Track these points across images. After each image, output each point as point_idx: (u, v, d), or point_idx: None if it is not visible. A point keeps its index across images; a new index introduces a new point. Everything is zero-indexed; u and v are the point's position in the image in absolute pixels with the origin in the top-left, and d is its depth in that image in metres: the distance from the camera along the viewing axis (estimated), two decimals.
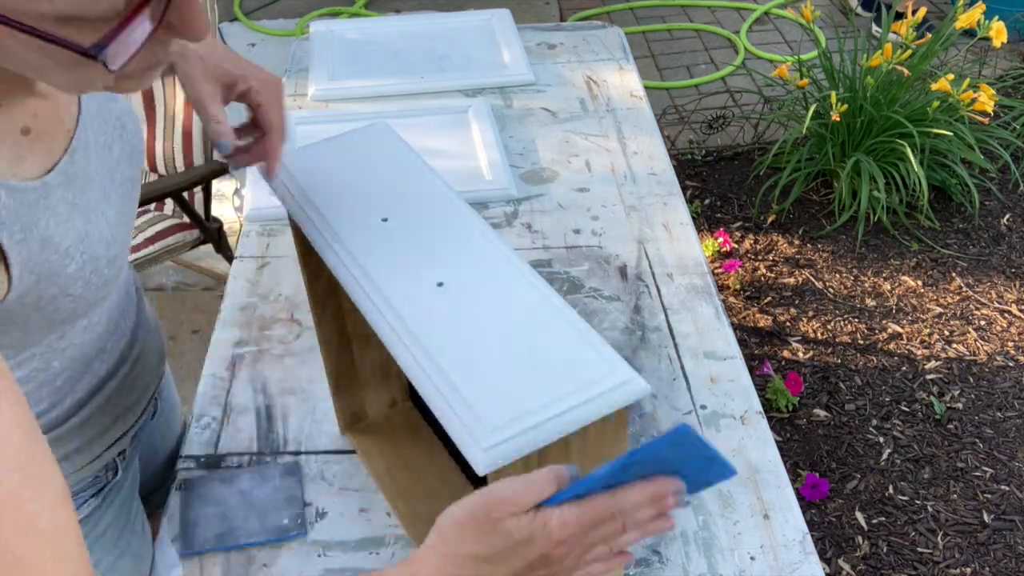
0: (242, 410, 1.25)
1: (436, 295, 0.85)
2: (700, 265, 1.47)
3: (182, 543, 1.08)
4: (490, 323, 0.82)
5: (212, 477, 1.15)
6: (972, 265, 2.81)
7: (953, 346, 2.56)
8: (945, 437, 2.32)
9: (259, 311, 1.39)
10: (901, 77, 2.76)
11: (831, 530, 2.13)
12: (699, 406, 1.24)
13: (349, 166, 0.99)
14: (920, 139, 2.73)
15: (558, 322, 0.82)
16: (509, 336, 0.81)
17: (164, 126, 2.28)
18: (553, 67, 1.97)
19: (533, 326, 0.82)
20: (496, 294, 0.85)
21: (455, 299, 0.84)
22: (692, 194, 3.12)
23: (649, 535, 0.71)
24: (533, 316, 0.83)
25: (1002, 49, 3.67)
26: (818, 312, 2.67)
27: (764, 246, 2.90)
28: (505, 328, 0.82)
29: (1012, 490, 2.19)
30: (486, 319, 0.83)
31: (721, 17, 4.08)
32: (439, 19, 2.12)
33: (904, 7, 3.58)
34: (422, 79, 1.89)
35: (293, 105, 1.85)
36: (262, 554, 1.07)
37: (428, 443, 1.19)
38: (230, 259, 2.34)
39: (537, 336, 0.81)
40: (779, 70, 2.78)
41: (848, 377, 2.48)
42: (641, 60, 3.75)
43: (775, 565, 1.06)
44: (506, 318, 0.83)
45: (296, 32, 3.96)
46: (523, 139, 1.76)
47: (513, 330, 0.81)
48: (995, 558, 2.06)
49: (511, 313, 0.83)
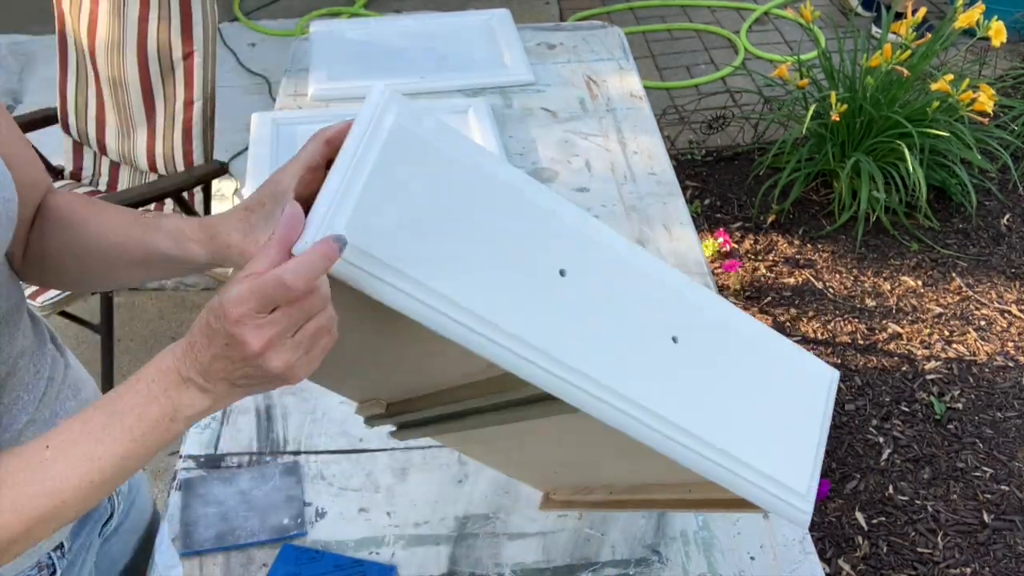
0: (242, 410, 1.25)
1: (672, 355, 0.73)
2: (700, 265, 1.47)
3: (182, 543, 1.08)
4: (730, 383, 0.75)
5: (212, 477, 1.15)
6: (972, 265, 2.81)
7: (953, 346, 2.56)
8: (945, 437, 2.32)
9: None
10: (901, 77, 2.76)
11: (831, 530, 2.13)
12: None
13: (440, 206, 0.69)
14: (920, 139, 2.73)
15: (814, 423, 0.77)
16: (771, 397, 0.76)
17: (164, 126, 2.28)
18: (553, 67, 1.97)
19: (796, 408, 0.77)
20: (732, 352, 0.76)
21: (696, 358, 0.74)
22: (692, 194, 3.12)
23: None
24: (803, 400, 0.77)
25: (1002, 49, 3.67)
26: (818, 312, 2.67)
27: (764, 246, 2.90)
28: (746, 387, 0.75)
29: (1012, 490, 2.19)
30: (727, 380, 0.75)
31: (721, 17, 4.09)
32: (439, 19, 2.12)
33: (904, 7, 3.58)
34: (422, 79, 1.89)
35: (293, 105, 1.85)
36: (262, 554, 1.07)
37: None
38: None
39: (792, 417, 0.76)
40: (779, 70, 2.78)
41: (848, 377, 2.48)
42: (641, 60, 3.75)
43: (775, 565, 1.06)
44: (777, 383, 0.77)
45: (296, 32, 3.97)
46: (523, 139, 1.76)
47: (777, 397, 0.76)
48: (995, 558, 2.06)
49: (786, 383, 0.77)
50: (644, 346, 0.71)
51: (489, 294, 0.67)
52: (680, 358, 0.72)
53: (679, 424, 0.70)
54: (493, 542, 1.09)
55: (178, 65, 2.21)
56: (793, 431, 0.75)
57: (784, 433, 0.75)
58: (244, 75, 3.68)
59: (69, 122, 2.42)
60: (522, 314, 0.68)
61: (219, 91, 2.28)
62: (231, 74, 3.64)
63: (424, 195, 0.67)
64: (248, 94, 3.55)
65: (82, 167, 2.49)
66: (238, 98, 3.42)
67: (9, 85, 3.66)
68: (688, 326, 0.73)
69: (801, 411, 0.76)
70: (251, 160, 1.67)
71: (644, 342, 0.71)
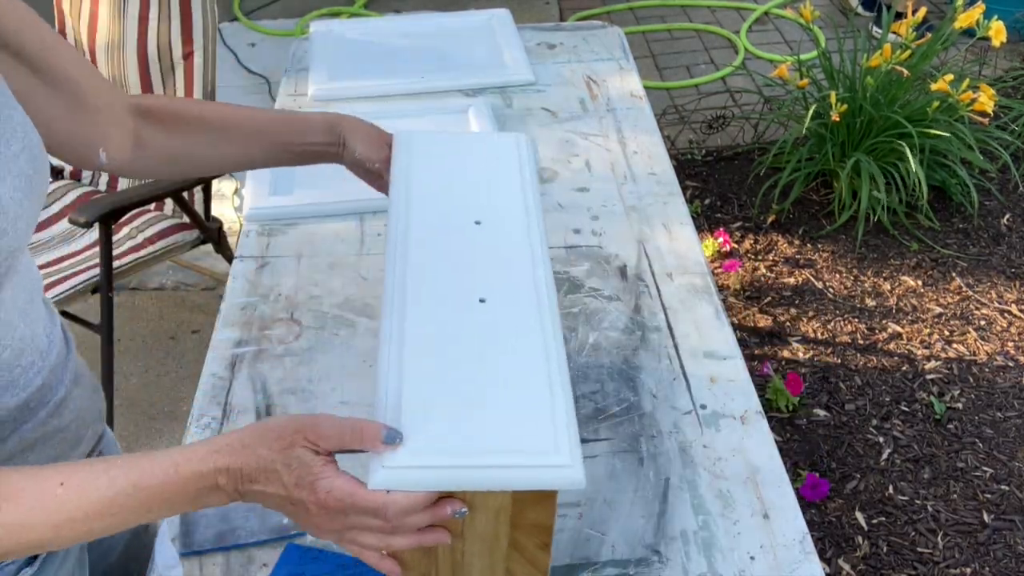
0: (242, 410, 1.25)
1: (471, 310, 0.86)
2: (700, 265, 1.47)
3: (182, 543, 1.08)
4: (484, 359, 0.82)
5: None
6: (972, 265, 2.81)
7: (953, 346, 2.56)
8: (945, 437, 2.32)
9: (259, 311, 1.39)
10: (901, 77, 2.76)
11: (831, 530, 2.13)
12: (699, 406, 1.24)
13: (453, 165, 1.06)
14: (920, 139, 2.73)
15: (541, 383, 0.81)
16: (491, 377, 0.81)
17: None
18: (553, 67, 1.97)
19: (518, 378, 0.81)
20: (504, 334, 0.85)
21: (474, 322, 0.85)
22: (692, 194, 3.12)
23: (426, 544, 0.75)
24: (524, 368, 0.82)
25: (1002, 49, 3.67)
26: (818, 312, 2.67)
27: (764, 246, 2.90)
28: (492, 368, 0.82)
29: (1012, 490, 2.19)
30: (484, 354, 0.83)
31: (721, 17, 4.09)
32: (439, 19, 2.12)
33: (904, 7, 3.58)
34: (422, 79, 1.89)
35: (293, 105, 1.85)
36: (262, 554, 1.07)
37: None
38: (230, 259, 2.34)
39: (515, 388, 0.80)
40: (779, 70, 2.78)
41: (848, 377, 2.48)
42: (641, 60, 3.75)
43: (775, 565, 1.06)
44: (501, 360, 0.83)
45: (296, 32, 3.97)
46: None
47: (497, 375, 0.81)
48: (995, 558, 2.06)
49: (508, 357, 0.83)
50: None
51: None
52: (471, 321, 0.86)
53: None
54: None
55: (178, 65, 2.21)
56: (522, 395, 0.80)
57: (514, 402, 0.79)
58: (244, 75, 3.68)
59: None
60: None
61: (219, 91, 2.28)
62: (231, 74, 3.64)
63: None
64: (248, 94, 3.55)
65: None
66: (238, 98, 3.42)
67: None
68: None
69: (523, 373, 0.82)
70: None
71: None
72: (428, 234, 0.96)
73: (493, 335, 0.85)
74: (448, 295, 0.89)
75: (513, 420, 0.77)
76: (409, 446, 0.73)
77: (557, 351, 0.84)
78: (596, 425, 1.21)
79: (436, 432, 0.75)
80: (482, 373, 0.81)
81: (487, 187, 1.03)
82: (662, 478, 1.15)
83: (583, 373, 1.29)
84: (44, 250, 2.22)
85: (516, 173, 1.06)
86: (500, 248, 0.95)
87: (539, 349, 0.84)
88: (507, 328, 0.86)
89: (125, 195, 2.09)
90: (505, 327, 0.86)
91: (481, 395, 0.79)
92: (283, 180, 1.63)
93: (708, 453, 1.18)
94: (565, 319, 1.37)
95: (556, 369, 0.82)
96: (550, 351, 0.84)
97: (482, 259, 0.93)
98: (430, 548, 0.81)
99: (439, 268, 0.92)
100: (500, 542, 0.81)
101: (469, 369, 0.81)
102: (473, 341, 0.84)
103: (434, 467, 0.73)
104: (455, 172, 1.06)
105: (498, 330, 0.86)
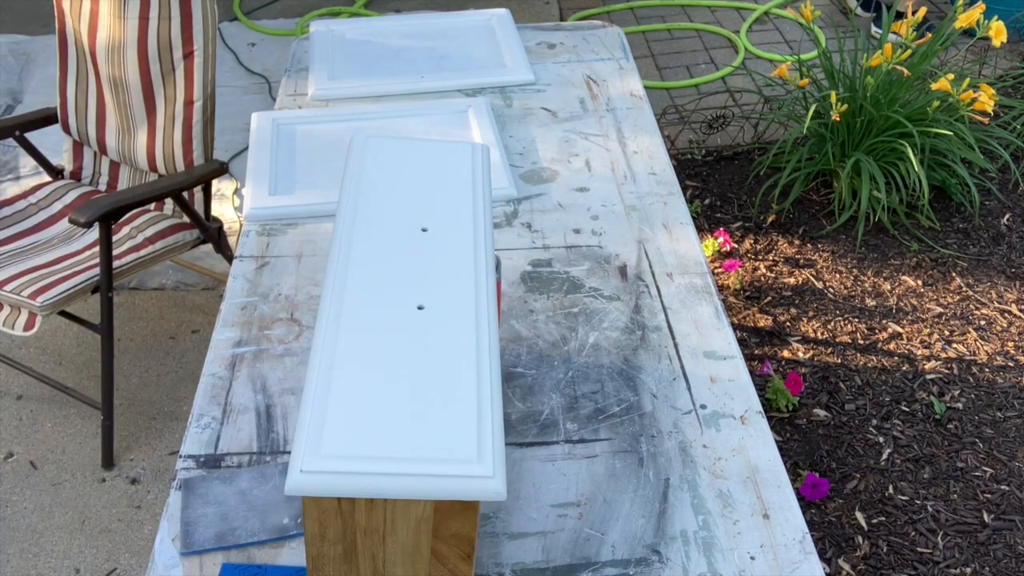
0: (242, 409, 1.25)
1: (408, 317, 0.86)
2: (700, 265, 1.47)
3: (182, 543, 1.08)
4: (415, 367, 0.82)
5: (212, 477, 1.15)
6: (972, 265, 2.81)
7: (953, 346, 2.56)
8: (945, 437, 2.32)
9: (259, 311, 1.40)
10: (901, 77, 2.76)
11: (831, 530, 2.13)
12: (699, 406, 1.24)
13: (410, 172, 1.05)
14: (920, 139, 2.73)
15: (470, 393, 0.80)
16: (420, 385, 0.80)
17: (164, 126, 2.28)
18: (553, 67, 1.97)
19: (447, 387, 0.81)
20: (438, 343, 0.85)
21: (406, 328, 0.85)
22: (692, 194, 3.12)
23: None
24: (454, 377, 0.82)
25: (1002, 49, 3.67)
26: (818, 312, 2.67)
27: (764, 246, 2.90)
28: (422, 376, 0.81)
29: (1012, 490, 2.19)
30: (416, 362, 0.82)
31: (721, 17, 4.08)
32: (439, 19, 2.12)
33: (904, 7, 3.59)
34: (422, 79, 1.89)
35: (293, 105, 1.85)
36: (262, 554, 1.07)
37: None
38: (230, 259, 2.34)
39: (443, 397, 0.80)
40: (779, 70, 2.78)
41: (848, 377, 2.48)
42: (641, 60, 3.75)
43: (775, 565, 1.06)
44: (432, 368, 0.82)
45: (296, 32, 3.97)
46: (523, 139, 1.76)
47: (426, 383, 0.81)
48: (995, 558, 2.06)
49: (440, 365, 0.82)
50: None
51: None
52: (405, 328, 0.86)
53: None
54: (493, 542, 1.09)
55: (178, 65, 2.21)
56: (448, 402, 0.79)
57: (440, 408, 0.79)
58: (244, 75, 3.68)
59: (69, 122, 2.42)
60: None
61: (219, 91, 2.29)
62: (231, 74, 3.64)
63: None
64: (248, 94, 3.55)
65: (82, 167, 2.49)
66: (238, 98, 3.42)
67: (9, 85, 3.66)
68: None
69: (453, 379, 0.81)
70: (251, 160, 1.67)
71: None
72: (373, 239, 0.96)
73: (427, 343, 0.84)
74: (386, 301, 0.88)
75: (437, 429, 0.77)
76: (329, 451, 0.73)
77: (491, 360, 0.84)
78: (596, 425, 1.22)
79: (357, 439, 0.75)
80: (411, 381, 0.81)
81: (438, 194, 1.03)
82: (662, 478, 1.15)
83: (583, 373, 1.29)
84: (44, 250, 2.23)
85: (468, 181, 1.06)
86: (444, 256, 0.95)
87: (472, 358, 0.83)
88: (442, 336, 0.86)
89: (125, 195, 2.09)
90: (440, 335, 0.86)
91: (408, 403, 0.79)
92: (283, 180, 1.63)
93: (708, 453, 1.18)
94: (565, 319, 1.37)
95: (487, 379, 0.82)
96: (483, 360, 0.84)
97: (424, 266, 0.93)
98: (351, 557, 0.81)
99: (380, 273, 0.91)
100: (422, 552, 0.81)
101: (399, 376, 0.81)
102: (406, 348, 0.84)
103: (352, 473, 0.72)
104: (407, 178, 1.05)
105: (433, 338, 0.85)
